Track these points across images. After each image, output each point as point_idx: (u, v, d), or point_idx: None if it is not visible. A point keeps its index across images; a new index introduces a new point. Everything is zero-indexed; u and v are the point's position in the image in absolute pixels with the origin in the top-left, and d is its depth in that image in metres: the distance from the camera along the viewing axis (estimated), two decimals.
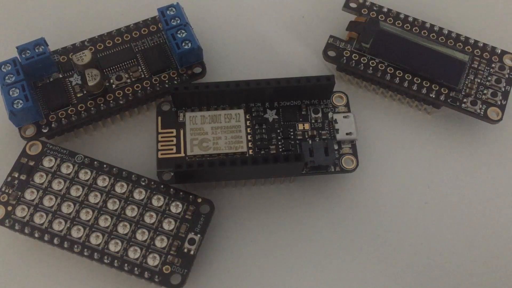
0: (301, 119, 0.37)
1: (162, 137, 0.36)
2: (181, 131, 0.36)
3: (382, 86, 0.39)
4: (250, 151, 0.36)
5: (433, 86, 0.37)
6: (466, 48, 0.39)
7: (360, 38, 0.39)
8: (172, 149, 0.35)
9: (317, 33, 0.42)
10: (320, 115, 0.37)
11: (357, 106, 0.39)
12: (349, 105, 0.37)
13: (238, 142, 0.35)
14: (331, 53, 0.39)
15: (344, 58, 0.38)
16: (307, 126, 0.36)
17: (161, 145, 0.35)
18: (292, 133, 0.36)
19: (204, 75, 0.38)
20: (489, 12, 0.43)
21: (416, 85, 0.37)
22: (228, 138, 0.35)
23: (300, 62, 0.41)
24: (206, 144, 0.35)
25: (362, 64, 0.38)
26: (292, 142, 0.36)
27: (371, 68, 0.38)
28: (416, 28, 0.39)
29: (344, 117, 0.36)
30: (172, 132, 0.36)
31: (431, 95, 0.37)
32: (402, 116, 0.39)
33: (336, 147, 0.36)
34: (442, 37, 0.39)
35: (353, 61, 0.38)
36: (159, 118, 0.36)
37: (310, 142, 0.36)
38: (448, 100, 0.37)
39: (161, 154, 0.35)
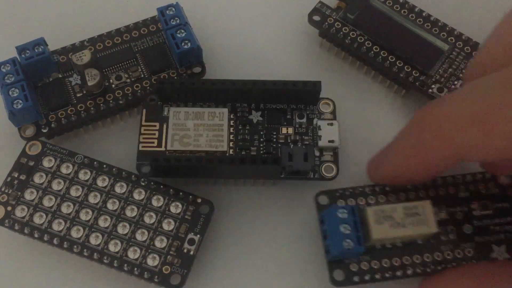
0: (285, 123, 0.36)
1: (145, 130, 0.35)
2: (164, 125, 0.36)
3: (357, 58, 0.39)
4: (231, 150, 0.35)
5: (405, 67, 0.38)
6: (449, 38, 0.39)
7: (347, 8, 0.39)
8: (153, 142, 0.35)
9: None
10: (304, 120, 0.36)
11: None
12: (335, 113, 0.36)
13: (219, 140, 0.35)
14: (316, 18, 0.40)
15: (327, 24, 0.39)
16: (290, 130, 0.36)
17: (143, 138, 0.35)
18: (275, 136, 0.36)
19: (204, 75, 0.38)
20: (481, 7, 0.42)
21: (389, 62, 0.38)
22: (209, 136, 0.35)
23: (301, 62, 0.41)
24: (187, 140, 0.35)
25: (342, 33, 0.39)
26: (274, 145, 0.35)
27: (349, 38, 0.39)
28: (405, 10, 0.40)
29: (329, 124, 0.35)
30: (155, 126, 0.36)
31: (401, 75, 0.38)
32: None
33: (317, 153, 0.35)
34: (428, 24, 0.39)
35: (334, 29, 0.39)
36: (144, 110, 0.36)
37: (291, 146, 0.35)
38: (417, 83, 0.37)
39: (142, 146, 0.35)
